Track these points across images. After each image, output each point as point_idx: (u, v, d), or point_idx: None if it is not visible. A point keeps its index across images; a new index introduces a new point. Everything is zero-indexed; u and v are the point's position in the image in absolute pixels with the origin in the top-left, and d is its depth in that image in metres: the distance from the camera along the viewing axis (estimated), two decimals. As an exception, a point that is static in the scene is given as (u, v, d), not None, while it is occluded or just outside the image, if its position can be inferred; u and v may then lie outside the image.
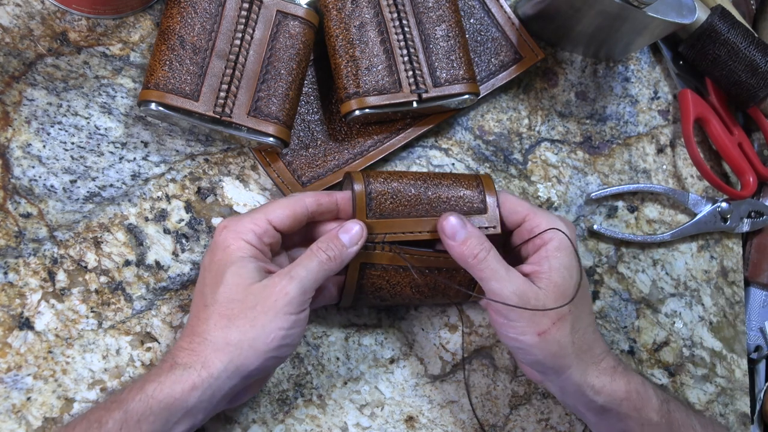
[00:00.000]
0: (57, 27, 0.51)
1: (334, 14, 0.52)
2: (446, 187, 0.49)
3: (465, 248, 0.46)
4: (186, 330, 0.44)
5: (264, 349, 0.42)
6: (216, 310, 0.43)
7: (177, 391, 0.41)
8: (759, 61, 0.61)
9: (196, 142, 0.53)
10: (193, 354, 0.42)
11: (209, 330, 0.43)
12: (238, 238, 0.44)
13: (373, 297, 0.50)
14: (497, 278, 0.45)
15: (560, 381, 0.47)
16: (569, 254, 0.47)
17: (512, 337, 0.46)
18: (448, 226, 0.47)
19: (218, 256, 0.44)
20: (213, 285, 0.44)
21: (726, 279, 0.65)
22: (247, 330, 0.42)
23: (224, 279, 0.43)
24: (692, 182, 0.66)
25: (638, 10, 0.53)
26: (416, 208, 0.49)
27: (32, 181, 0.49)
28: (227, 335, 0.42)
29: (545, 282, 0.46)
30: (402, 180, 0.49)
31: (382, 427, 0.53)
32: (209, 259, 0.45)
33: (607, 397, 0.47)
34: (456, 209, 0.49)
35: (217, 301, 0.43)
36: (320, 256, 0.44)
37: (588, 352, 0.47)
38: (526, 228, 0.49)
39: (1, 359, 0.46)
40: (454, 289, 0.51)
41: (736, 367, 0.64)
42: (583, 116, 0.63)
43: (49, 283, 0.48)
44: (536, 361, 0.46)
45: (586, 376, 0.47)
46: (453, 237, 0.46)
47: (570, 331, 0.46)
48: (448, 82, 0.53)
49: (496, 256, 0.46)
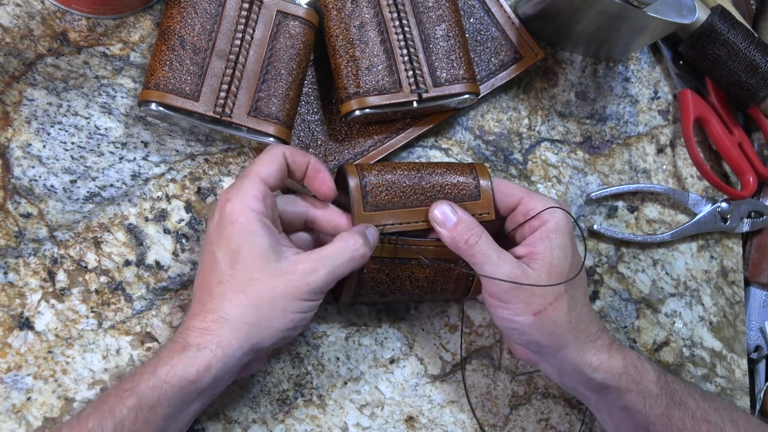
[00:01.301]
0: (57, 27, 0.51)
1: (334, 14, 0.52)
2: (440, 175, 0.50)
3: (456, 234, 0.46)
4: (195, 307, 0.43)
5: (281, 329, 0.42)
6: (232, 287, 0.42)
7: (191, 373, 0.41)
8: (759, 61, 0.61)
9: (196, 142, 0.53)
10: (206, 333, 0.42)
11: (224, 307, 0.42)
12: (245, 208, 0.43)
13: (372, 292, 0.50)
14: (489, 262, 0.45)
15: (557, 361, 0.47)
16: (565, 235, 0.47)
17: (507, 318, 0.46)
18: (439, 213, 0.47)
19: (228, 230, 0.43)
20: (228, 261, 0.42)
21: (726, 279, 0.65)
22: (266, 310, 0.42)
23: (240, 256, 0.42)
24: (692, 182, 0.66)
25: (638, 10, 0.53)
26: (411, 199, 0.49)
27: (32, 181, 0.49)
28: (245, 314, 0.42)
29: (540, 263, 0.46)
30: (396, 171, 0.49)
31: (382, 427, 0.53)
32: (217, 234, 0.43)
33: (605, 374, 0.47)
34: (450, 197, 0.49)
35: (235, 277, 0.42)
36: (354, 252, 0.44)
37: (584, 330, 0.47)
38: (521, 211, 0.49)
39: (1, 359, 0.46)
40: (452, 283, 0.51)
41: (736, 367, 0.64)
42: (583, 116, 0.63)
43: (49, 283, 0.48)
44: (532, 341, 0.47)
45: (584, 354, 0.47)
46: (444, 224, 0.47)
47: (567, 310, 0.46)
48: (448, 82, 0.53)
49: (488, 240, 0.46)
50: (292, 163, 0.46)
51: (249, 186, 0.44)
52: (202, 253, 0.45)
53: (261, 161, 0.45)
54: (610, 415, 0.49)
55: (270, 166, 0.45)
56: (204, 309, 0.42)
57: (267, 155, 0.46)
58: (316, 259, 0.43)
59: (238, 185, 0.44)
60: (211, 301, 0.42)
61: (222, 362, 0.41)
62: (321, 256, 0.43)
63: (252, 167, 0.45)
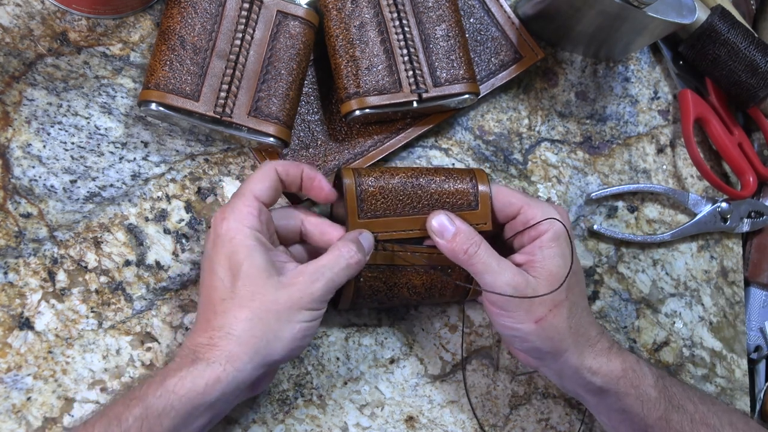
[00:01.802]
0: (57, 27, 0.51)
1: (334, 14, 0.52)
2: (438, 183, 0.49)
3: (455, 245, 0.46)
4: (200, 325, 0.44)
5: (290, 338, 0.43)
6: (236, 303, 0.42)
7: (200, 386, 0.41)
8: (759, 61, 0.61)
9: (196, 142, 0.53)
10: (215, 349, 0.42)
11: (231, 323, 0.42)
12: (241, 226, 0.43)
13: (370, 300, 0.50)
14: (490, 271, 0.45)
15: (557, 365, 0.48)
16: (563, 243, 0.47)
17: (509, 326, 0.47)
18: (437, 224, 0.47)
19: (226, 248, 0.43)
20: (229, 278, 0.43)
21: (726, 279, 0.65)
22: (272, 323, 0.42)
23: (240, 272, 0.43)
24: (692, 182, 0.66)
25: (638, 10, 0.53)
26: (408, 207, 0.49)
27: (32, 181, 0.49)
28: (251, 328, 0.42)
29: (539, 271, 0.46)
30: (393, 177, 0.49)
31: (382, 427, 0.53)
32: (215, 252, 0.44)
33: (604, 378, 0.47)
34: (447, 206, 0.49)
35: (238, 294, 0.42)
36: (349, 259, 0.45)
37: (584, 335, 0.48)
38: (520, 220, 0.49)
39: (1, 359, 0.46)
40: (450, 289, 0.51)
41: (736, 367, 0.64)
42: (583, 116, 0.63)
43: (49, 283, 0.48)
44: (533, 347, 0.47)
45: (583, 359, 0.47)
46: (442, 235, 0.47)
47: (567, 316, 0.47)
48: (448, 82, 0.53)
49: (487, 249, 0.46)
50: (286, 176, 0.47)
51: (243, 204, 0.44)
52: (203, 271, 0.45)
53: (254, 179, 0.46)
54: (609, 418, 0.50)
55: (263, 183, 0.45)
56: (209, 326, 0.43)
57: (259, 172, 0.46)
58: (314, 270, 0.44)
59: (233, 204, 0.45)
60: (216, 318, 0.43)
61: (231, 376, 0.41)
62: (318, 267, 0.44)
63: (245, 185, 0.45)
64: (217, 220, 0.45)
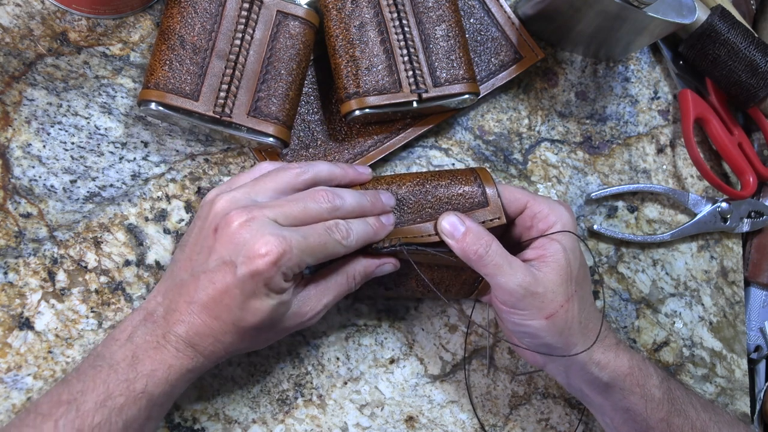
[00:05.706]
0: (57, 27, 0.51)
1: (334, 14, 0.52)
2: (445, 187, 0.49)
3: (465, 245, 0.46)
4: (201, 350, 0.43)
5: (282, 334, 0.46)
6: (239, 335, 0.43)
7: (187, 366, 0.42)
8: (759, 61, 0.61)
9: (196, 142, 0.53)
10: (206, 358, 0.43)
11: (231, 343, 0.43)
12: (277, 271, 0.41)
13: (377, 283, 0.50)
14: (502, 272, 0.45)
15: (565, 360, 0.48)
16: (572, 237, 0.48)
17: (519, 323, 0.46)
18: (447, 224, 0.47)
19: (249, 286, 0.41)
20: (238, 311, 0.41)
21: (726, 279, 0.65)
22: (271, 337, 0.46)
23: (254, 312, 0.42)
24: (692, 182, 0.66)
25: (638, 10, 0.53)
26: (419, 214, 0.48)
27: (32, 181, 0.49)
28: (251, 342, 0.45)
29: (551, 265, 0.46)
30: (401, 188, 0.49)
31: (382, 427, 0.53)
32: (236, 283, 0.41)
33: (611, 373, 0.47)
34: (458, 207, 0.49)
35: (243, 329, 0.42)
36: (349, 284, 0.47)
37: (593, 329, 0.48)
38: (528, 215, 0.49)
39: (1, 359, 0.46)
40: (457, 286, 0.51)
41: (736, 367, 0.64)
42: (583, 116, 0.63)
43: (49, 283, 0.48)
44: (543, 344, 0.47)
45: (591, 353, 0.47)
46: (452, 235, 0.47)
47: (578, 310, 0.47)
48: (448, 82, 0.53)
49: (498, 249, 0.46)
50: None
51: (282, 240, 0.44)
52: (218, 288, 0.42)
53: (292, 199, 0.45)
54: (612, 418, 0.50)
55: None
56: (206, 351, 0.43)
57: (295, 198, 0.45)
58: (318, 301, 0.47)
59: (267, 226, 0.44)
60: (215, 344, 0.43)
61: (217, 357, 0.43)
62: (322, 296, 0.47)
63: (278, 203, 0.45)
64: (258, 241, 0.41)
